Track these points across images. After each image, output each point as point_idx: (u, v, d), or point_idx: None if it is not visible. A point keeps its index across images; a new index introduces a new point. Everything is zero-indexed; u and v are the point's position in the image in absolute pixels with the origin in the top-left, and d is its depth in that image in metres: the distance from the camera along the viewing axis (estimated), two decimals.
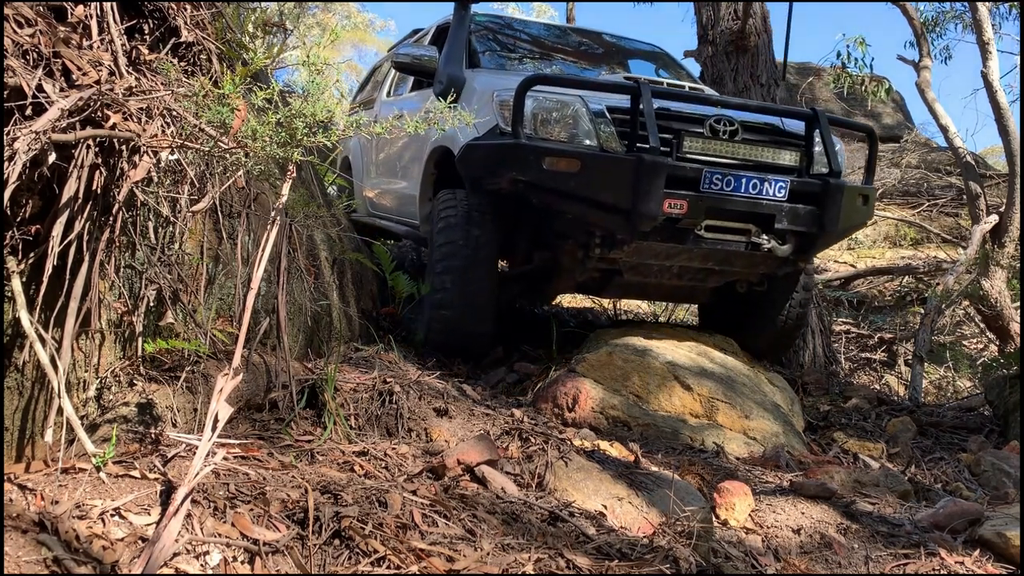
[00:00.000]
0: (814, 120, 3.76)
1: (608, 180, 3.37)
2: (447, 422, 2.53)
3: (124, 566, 1.44)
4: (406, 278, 4.69)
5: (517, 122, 3.42)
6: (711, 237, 3.57)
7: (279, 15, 8.88)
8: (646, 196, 3.32)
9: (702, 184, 3.45)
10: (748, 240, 3.62)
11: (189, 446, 1.86)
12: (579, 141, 3.51)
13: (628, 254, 3.66)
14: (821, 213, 3.68)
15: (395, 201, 5.34)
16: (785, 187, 3.59)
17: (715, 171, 3.47)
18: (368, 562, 1.59)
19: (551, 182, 3.40)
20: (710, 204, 3.47)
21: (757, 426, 3.39)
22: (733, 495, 2.41)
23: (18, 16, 1.83)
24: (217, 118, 1.94)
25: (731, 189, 3.50)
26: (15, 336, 1.73)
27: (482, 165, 3.70)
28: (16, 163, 1.60)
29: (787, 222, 3.63)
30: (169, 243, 2.10)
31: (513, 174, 3.45)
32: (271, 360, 2.44)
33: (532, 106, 3.51)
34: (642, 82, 3.46)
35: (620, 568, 1.76)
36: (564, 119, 3.54)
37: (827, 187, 3.68)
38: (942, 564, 2.16)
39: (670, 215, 3.40)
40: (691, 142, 3.52)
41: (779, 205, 3.59)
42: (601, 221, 3.54)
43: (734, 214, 3.55)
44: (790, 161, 3.72)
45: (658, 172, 3.33)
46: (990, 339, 6.71)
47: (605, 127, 3.52)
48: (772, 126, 3.85)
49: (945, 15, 10.07)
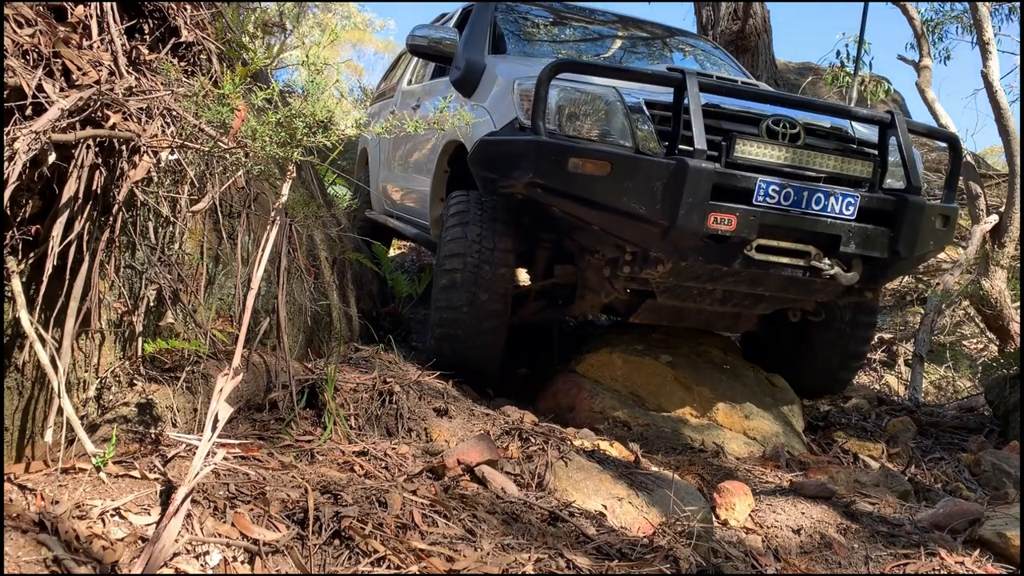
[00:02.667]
0: (890, 125, 3.20)
1: (643, 187, 2.84)
2: (447, 422, 2.53)
3: (124, 566, 1.44)
4: (406, 278, 4.70)
5: (538, 115, 2.93)
6: (763, 259, 2.99)
7: (279, 15, 8.87)
8: (688, 208, 2.78)
9: (755, 196, 2.90)
10: (807, 264, 3.04)
11: (189, 446, 1.86)
12: (611, 140, 2.99)
13: (663, 275, 3.12)
14: (896, 236, 3.08)
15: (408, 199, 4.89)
16: (854, 203, 3.03)
17: (771, 181, 2.91)
18: (368, 562, 1.60)
19: (575, 187, 2.90)
20: (764, 220, 2.90)
21: (757, 426, 3.39)
22: (733, 495, 2.41)
23: (18, 16, 1.83)
24: (217, 118, 1.94)
25: (790, 203, 2.94)
26: (15, 336, 1.73)
27: (496, 164, 3.23)
28: (16, 163, 1.60)
29: (855, 245, 3.04)
30: (169, 243, 2.10)
31: (530, 176, 2.95)
32: (271, 360, 2.44)
33: (557, 97, 3.02)
34: (688, 72, 2.92)
35: (620, 568, 1.76)
36: (594, 113, 3.03)
37: (904, 205, 3.08)
38: (942, 564, 2.16)
39: (715, 232, 2.84)
40: (744, 145, 2.98)
41: (846, 224, 3.02)
42: (633, 235, 3.01)
43: (792, 233, 3.00)
44: (861, 173, 3.15)
45: (704, 180, 2.78)
46: (990, 339, 6.71)
47: (642, 125, 3.01)
48: (840, 130, 3.33)
49: (945, 16, 10.07)
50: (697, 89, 2.90)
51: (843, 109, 3.45)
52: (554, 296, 3.72)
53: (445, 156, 3.95)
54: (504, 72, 3.56)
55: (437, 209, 4.01)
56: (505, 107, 3.28)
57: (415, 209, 4.66)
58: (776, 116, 3.09)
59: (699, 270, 3.08)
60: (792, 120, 3.10)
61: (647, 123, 3.02)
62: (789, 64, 13.70)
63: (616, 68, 3.29)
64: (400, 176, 5.06)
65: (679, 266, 3.03)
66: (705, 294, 3.34)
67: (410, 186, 4.77)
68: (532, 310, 3.70)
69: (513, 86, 3.26)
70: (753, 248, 2.96)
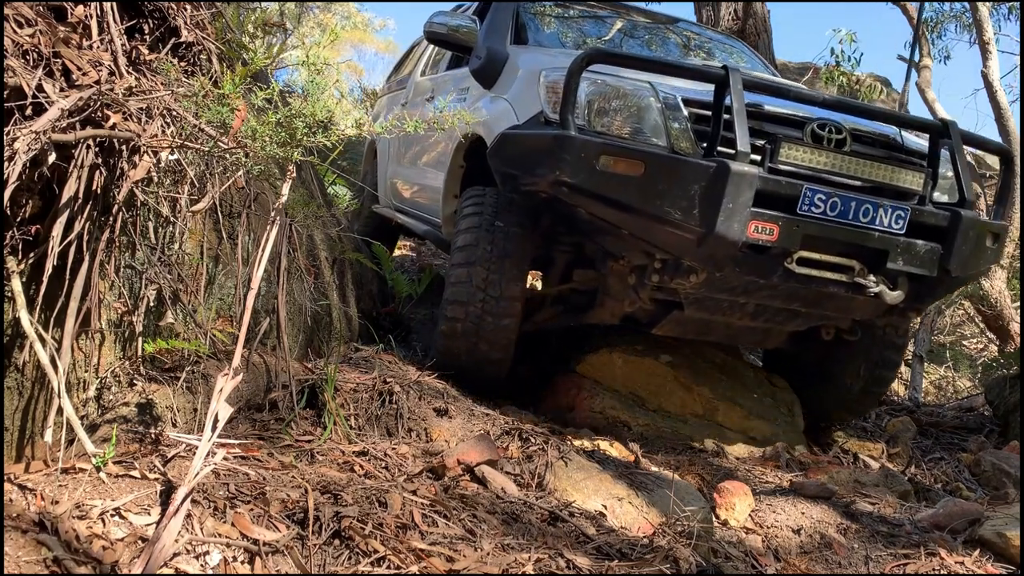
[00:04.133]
0: (943, 134, 3.00)
1: (679, 191, 2.62)
2: (447, 422, 2.53)
3: (124, 566, 1.44)
4: (406, 278, 4.70)
5: (567, 109, 2.71)
6: (804, 273, 2.78)
7: (279, 15, 8.88)
8: (728, 215, 2.57)
9: (800, 204, 2.69)
10: (850, 280, 2.84)
11: (189, 446, 1.86)
12: (644, 138, 2.79)
13: (695, 286, 2.91)
14: (947, 253, 2.88)
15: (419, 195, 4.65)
16: (904, 217, 2.81)
17: (818, 189, 2.71)
18: (368, 562, 1.60)
19: (604, 188, 2.68)
20: (808, 231, 2.70)
21: (757, 426, 3.39)
22: (733, 495, 2.41)
23: (18, 16, 1.83)
24: (217, 118, 1.94)
25: (836, 214, 2.73)
26: (15, 336, 1.73)
27: (519, 160, 2.99)
28: (16, 163, 1.60)
29: (902, 261, 2.83)
30: (169, 243, 2.10)
31: (556, 174, 2.70)
32: (271, 360, 2.44)
33: (587, 90, 2.81)
34: (731, 68, 2.73)
35: (620, 568, 1.76)
36: (626, 109, 2.82)
37: (957, 221, 2.88)
38: (942, 564, 2.16)
39: (756, 242, 2.64)
40: (789, 150, 2.77)
41: (894, 239, 2.81)
42: (665, 242, 2.79)
43: (836, 246, 2.79)
44: (912, 184, 2.94)
45: (746, 185, 2.57)
46: (990, 339, 6.71)
47: (678, 123, 2.81)
48: (888, 138, 3.12)
49: (944, 15, 10.08)
50: (741, 86, 2.70)
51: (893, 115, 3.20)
52: (571, 302, 3.53)
53: (461, 150, 3.74)
54: (528, 62, 3.38)
55: (450, 206, 3.82)
56: (529, 99, 3.10)
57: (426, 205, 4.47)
58: (822, 120, 2.89)
59: (734, 282, 2.87)
60: (839, 125, 2.91)
61: (684, 122, 2.81)
62: (789, 64, 13.71)
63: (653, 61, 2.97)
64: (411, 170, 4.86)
65: (713, 277, 2.83)
66: (736, 307, 3.15)
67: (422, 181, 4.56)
68: (547, 316, 3.53)
69: (539, 77, 3.06)
70: (794, 260, 2.75)
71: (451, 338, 3.12)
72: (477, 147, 3.53)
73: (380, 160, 5.63)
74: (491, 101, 3.44)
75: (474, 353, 3.12)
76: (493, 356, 3.14)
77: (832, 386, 3.71)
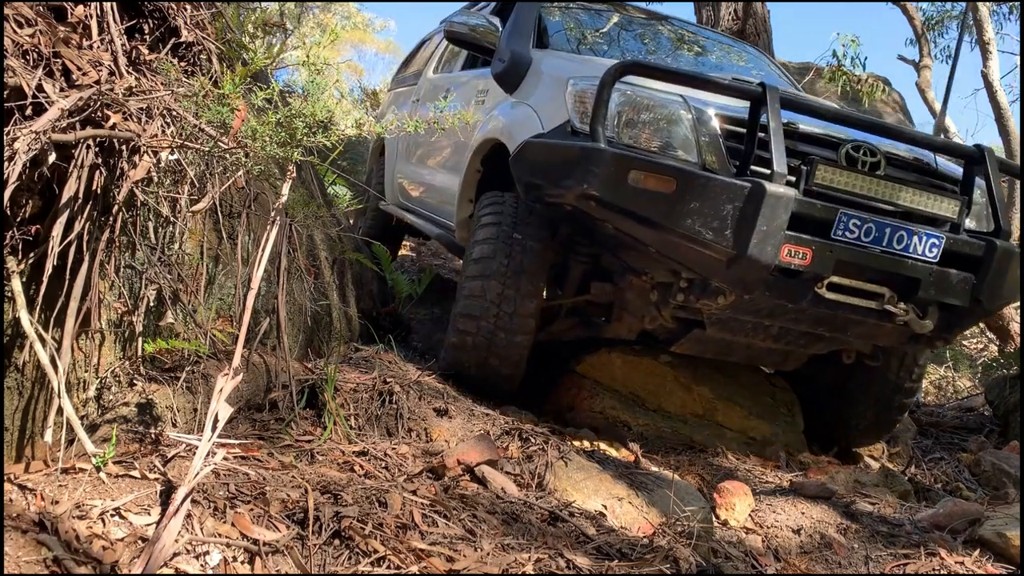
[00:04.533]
0: (978, 161, 2.92)
1: (711, 210, 2.54)
2: (447, 422, 2.53)
3: (124, 566, 1.44)
4: (406, 278, 4.70)
5: (598, 119, 2.64)
6: (833, 299, 2.73)
7: (279, 15, 8.88)
8: (761, 237, 2.50)
9: (835, 229, 2.63)
10: (880, 307, 2.78)
11: (189, 446, 1.86)
12: (673, 153, 2.72)
13: (721, 307, 2.85)
14: (979, 284, 2.81)
15: (430, 195, 4.55)
16: (939, 245, 2.75)
17: (853, 214, 2.64)
18: (368, 562, 1.60)
19: (634, 203, 2.60)
20: (842, 257, 2.63)
21: (757, 426, 3.39)
22: (733, 495, 2.42)
23: (18, 16, 1.83)
24: (217, 118, 1.94)
25: (870, 240, 2.67)
26: (15, 336, 1.73)
27: (544, 170, 2.91)
28: (16, 163, 1.60)
29: (934, 291, 2.77)
30: (169, 243, 2.10)
31: (584, 187, 2.62)
32: (271, 360, 2.44)
33: (617, 101, 2.74)
34: (769, 87, 2.66)
35: (620, 568, 1.76)
36: (657, 122, 2.74)
37: (992, 251, 2.81)
38: (942, 564, 2.16)
39: (788, 266, 2.57)
40: (824, 172, 2.68)
41: (928, 268, 2.74)
42: (694, 261, 2.71)
43: (867, 272, 2.72)
44: (945, 211, 2.84)
45: (782, 208, 2.51)
46: (990, 339, 6.71)
47: (710, 139, 2.73)
48: (923, 163, 3.04)
49: (945, 14, 10.08)
50: (778, 105, 2.64)
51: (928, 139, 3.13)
52: (586, 315, 3.45)
53: (479, 155, 3.64)
54: (554, 69, 3.32)
55: (465, 210, 3.77)
56: (555, 107, 3.02)
57: (438, 207, 4.36)
58: (856, 142, 2.81)
59: (762, 305, 2.80)
60: (873, 148, 2.82)
61: (715, 137, 2.73)
62: (789, 64, 13.70)
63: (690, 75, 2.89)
64: (423, 170, 4.74)
65: (741, 299, 2.76)
66: (760, 329, 3.09)
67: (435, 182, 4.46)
68: (562, 327, 3.45)
69: (567, 85, 2.98)
70: (824, 286, 2.69)
71: (461, 351, 3.07)
72: (495, 152, 3.46)
73: (388, 157, 5.52)
74: (513, 107, 3.37)
75: (484, 367, 3.07)
76: (503, 372, 3.09)
77: (848, 410, 3.61)
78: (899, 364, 3.46)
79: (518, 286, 2.98)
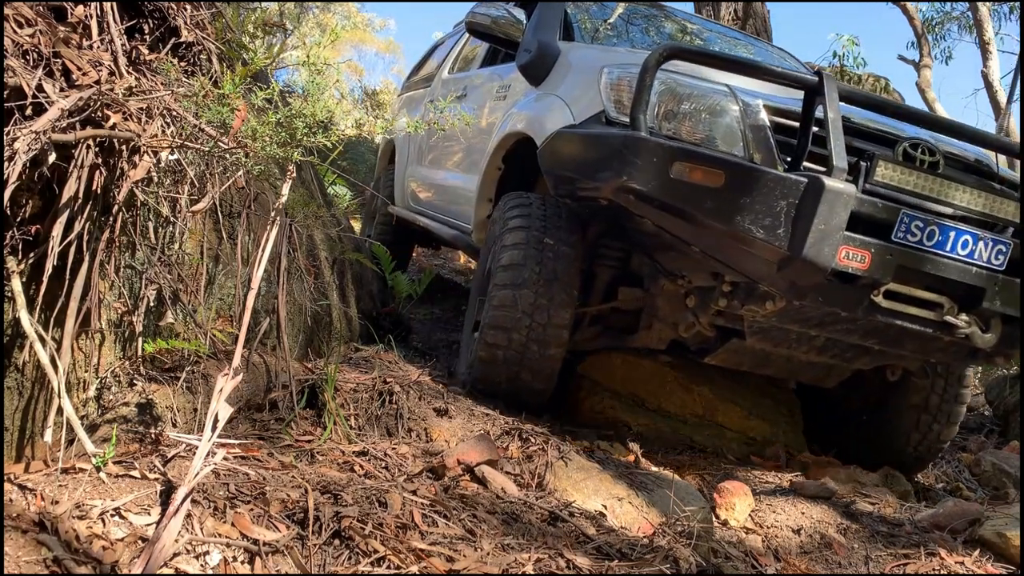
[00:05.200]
0: None
1: (763, 206, 2.34)
2: (447, 422, 2.53)
3: (124, 566, 1.44)
4: (406, 278, 4.70)
5: (639, 107, 2.44)
6: (889, 307, 2.48)
7: (279, 15, 8.89)
8: (818, 237, 2.29)
9: (896, 231, 2.40)
10: (939, 319, 2.53)
11: (189, 446, 1.86)
12: (716, 146, 2.52)
13: (768, 314, 2.62)
14: None
15: (445, 197, 4.38)
16: (1005, 252, 2.51)
17: (915, 215, 2.41)
18: (368, 562, 1.60)
19: (677, 198, 2.41)
20: (903, 261, 2.40)
21: (757, 426, 3.39)
22: (733, 495, 2.42)
23: (18, 16, 1.84)
24: (217, 118, 1.94)
25: (933, 244, 2.44)
26: (15, 336, 1.73)
27: (577, 162, 2.74)
28: (16, 163, 1.60)
29: (999, 301, 2.52)
30: (169, 243, 2.11)
31: (623, 179, 2.42)
32: (271, 360, 2.44)
33: (657, 90, 2.55)
34: (826, 75, 2.45)
35: (620, 568, 1.76)
36: (699, 113, 2.55)
37: None
38: (942, 564, 2.16)
39: (844, 269, 2.34)
40: (884, 169, 2.48)
41: (993, 276, 2.50)
42: (741, 263, 2.51)
43: (926, 279, 2.48)
44: (1007, 215, 2.63)
45: (841, 205, 2.30)
46: None
47: (758, 132, 2.53)
48: (983, 164, 2.84)
49: (946, 15, 10.09)
50: (836, 95, 2.42)
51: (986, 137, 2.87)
52: (612, 323, 3.22)
53: (501, 151, 3.46)
54: (585, 59, 3.15)
55: (484, 210, 3.60)
56: (589, 98, 2.83)
57: (453, 210, 4.19)
58: (914, 139, 2.60)
59: (811, 312, 2.57)
60: (932, 145, 2.60)
61: (764, 130, 2.53)
62: None
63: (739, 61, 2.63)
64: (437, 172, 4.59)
65: (791, 306, 2.53)
66: (804, 340, 2.83)
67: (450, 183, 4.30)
68: (586, 337, 3.23)
69: (601, 74, 2.80)
70: (881, 293, 2.45)
71: (491, 365, 2.87)
72: (518, 149, 3.32)
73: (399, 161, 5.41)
74: (540, 99, 3.26)
75: (515, 382, 2.89)
76: (536, 386, 2.92)
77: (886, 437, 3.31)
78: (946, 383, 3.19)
79: (551, 295, 2.80)
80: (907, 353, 2.80)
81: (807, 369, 3.15)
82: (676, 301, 2.95)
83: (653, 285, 3.01)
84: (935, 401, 3.19)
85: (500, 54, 4.21)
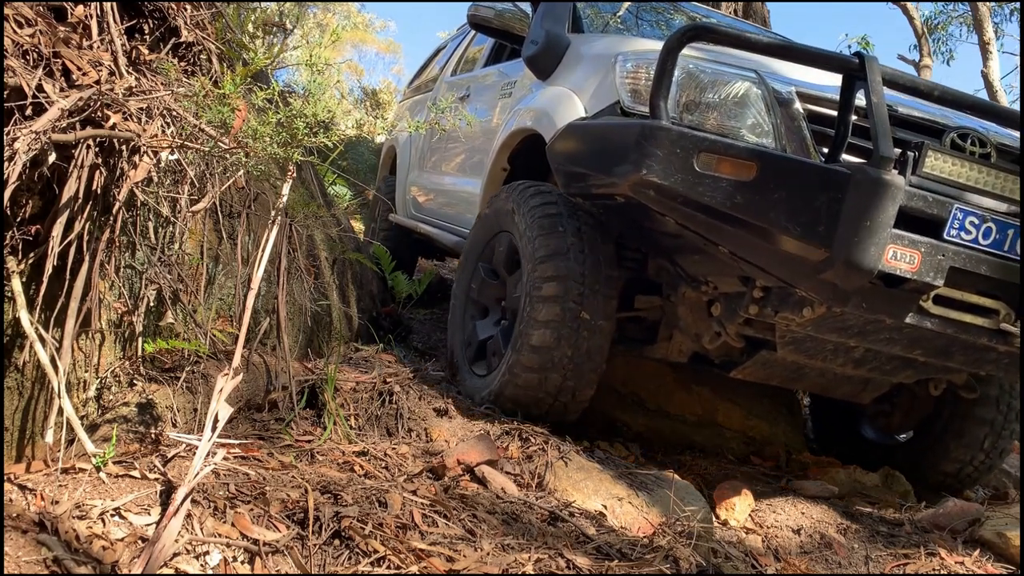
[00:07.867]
0: None
1: (801, 201, 2.10)
2: (447, 422, 2.53)
3: (124, 566, 1.44)
4: (406, 278, 4.70)
5: (660, 93, 2.21)
6: (940, 314, 2.22)
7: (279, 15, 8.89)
8: (864, 235, 2.02)
9: (948, 228, 2.15)
10: (994, 327, 2.26)
11: (189, 446, 1.86)
12: (741, 136, 2.28)
13: (805, 322, 2.36)
14: None
15: (448, 203, 4.20)
16: None
17: (970, 211, 2.16)
18: (368, 562, 1.60)
19: (704, 193, 2.16)
20: (956, 262, 2.13)
21: (757, 426, 3.39)
22: (733, 495, 2.42)
23: (18, 16, 1.84)
24: (217, 118, 1.95)
25: (989, 243, 2.18)
26: (15, 336, 1.73)
27: (591, 156, 2.51)
28: (16, 163, 1.60)
29: None
30: (169, 243, 2.11)
31: (643, 173, 2.18)
32: (271, 360, 2.44)
33: (678, 77, 2.31)
34: (868, 57, 2.18)
35: (620, 568, 1.76)
36: (725, 102, 2.32)
37: None
38: (942, 564, 2.16)
39: (892, 271, 2.08)
40: (934, 160, 2.21)
41: None
42: (775, 264, 2.24)
43: (980, 283, 2.21)
44: None
45: (889, 199, 2.03)
46: None
47: (791, 121, 2.30)
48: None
49: (948, 17, 10.09)
50: (880, 80, 2.15)
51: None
52: (628, 333, 2.96)
53: (507, 150, 3.26)
54: (598, 48, 2.94)
55: None
56: (603, 88, 2.63)
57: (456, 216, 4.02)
58: (963, 128, 2.35)
59: (853, 320, 2.30)
60: (983, 135, 2.35)
61: (797, 119, 2.30)
62: None
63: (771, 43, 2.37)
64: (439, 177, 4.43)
65: (831, 312, 2.27)
66: (841, 352, 2.54)
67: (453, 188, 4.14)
68: None
69: (614, 63, 2.60)
70: (931, 299, 2.20)
71: (540, 371, 2.57)
72: (525, 147, 3.13)
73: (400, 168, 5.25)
74: (549, 92, 3.08)
75: (561, 393, 2.62)
76: (582, 395, 2.66)
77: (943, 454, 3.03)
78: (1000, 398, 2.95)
79: (595, 308, 2.56)
80: (955, 365, 2.51)
81: (843, 383, 2.86)
82: (699, 310, 2.71)
83: (673, 292, 2.77)
84: (999, 419, 2.95)
85: (505, 52, 4.10)
